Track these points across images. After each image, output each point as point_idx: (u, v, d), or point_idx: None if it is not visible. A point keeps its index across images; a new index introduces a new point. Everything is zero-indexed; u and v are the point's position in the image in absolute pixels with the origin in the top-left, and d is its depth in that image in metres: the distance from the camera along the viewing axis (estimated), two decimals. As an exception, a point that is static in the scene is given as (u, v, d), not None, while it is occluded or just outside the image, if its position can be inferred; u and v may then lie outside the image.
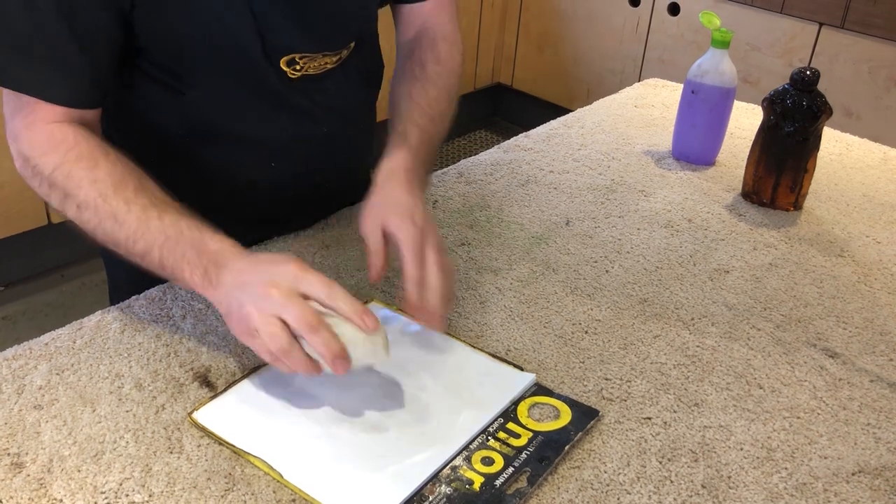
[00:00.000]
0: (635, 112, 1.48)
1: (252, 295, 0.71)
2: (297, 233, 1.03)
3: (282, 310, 0.70)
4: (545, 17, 3.15)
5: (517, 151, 1.30)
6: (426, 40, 1.04)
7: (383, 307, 0.90)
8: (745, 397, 0.81)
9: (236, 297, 0.72)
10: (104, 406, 0.74)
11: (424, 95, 0.98)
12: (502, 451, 0.72)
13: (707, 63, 1.22)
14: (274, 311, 0.70)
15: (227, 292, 0.74)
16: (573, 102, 3.12)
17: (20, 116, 0.83)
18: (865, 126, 2.40)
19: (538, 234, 1.07)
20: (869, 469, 0.74)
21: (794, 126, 1.11)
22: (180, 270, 0.76)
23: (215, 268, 0.75)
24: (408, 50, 1.05)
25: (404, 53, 1.05)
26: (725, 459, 0.74)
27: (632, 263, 1.02)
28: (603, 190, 1.20)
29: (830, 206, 1.20)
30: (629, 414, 0.78)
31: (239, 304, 0.72)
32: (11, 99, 0.83)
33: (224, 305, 0.74)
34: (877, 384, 0.84)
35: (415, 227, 0.81)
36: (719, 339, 0.89)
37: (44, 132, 0.82)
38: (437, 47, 1.03)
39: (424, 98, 0.97)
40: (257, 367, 0.80)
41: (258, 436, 0.72)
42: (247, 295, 0.71)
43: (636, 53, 2.91)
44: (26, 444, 0.70)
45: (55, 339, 0.82)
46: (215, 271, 0.75)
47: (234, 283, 0.73)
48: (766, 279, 1.01)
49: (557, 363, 0.84)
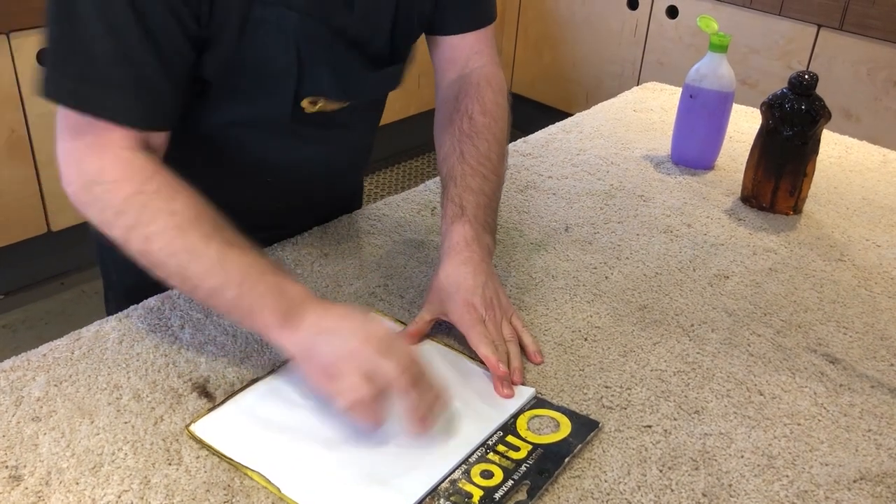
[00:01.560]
0: (634, 116, 1.48)
1: (341, 344, 0.72)
2: (296, 240, 1.03)
3: (376, 363, 0.70)
4: (543, 21, 3.15)
5: (516, 157, 1.30)
6: (471, 87, 1.00)
7: (383, 318, 0.90)
8: (746, 404, 0.81)
9: (322, 342, 0.73)
10: (102, 418, 0.74)
11: (475, 152, 0.95)
12: (501, 465, 0.71)
13: (705, 67, 1.21)
14: (365, 366, 0.70)
15: (309, 337, 0.74)
16: (572, 106, 3.12)
17: (85, 140, 0.79)
18: (865, 127, 2.40)
19: (537, 241, 1.07)
20: (871, 476, 0.73)
21: (793, 130, 1.11)
22: (259, 309, 0.75)
23: (296, 312, 0.74)
24: (451, 95, 1.02)
25: (448, 98, 1.02)
26: (726, 467, 0.73)
27: (631, 269, 1.02)
28: (602, 195, 1.20)
29: (830, 210, 1.19)
30: (629, 422, 0.78)
31: (324, 351, 0.72)
32: (74, 121, 0.79)
33: (303, 350, 0.74)
34: (878, 390, 0.84)
35: (475, 312, 0.83)
36: (719, 346, 0.89)
37: (119, 159, 0.78)
38: (483, 96, 1.00)
39: (475, 156, 0.95)
40: (256, 378, 0.80)
41: (256, 449, 0.71)
42: (334, 343, 0.72)
43: (635, 57, 2.91)
44: (24, 456, 0.69)
45: (53, 349, 0.82)
46: (296, 315, 0.74)
47: (317, 328, 0.74)
48: (766, 284, 1.00)
49: (557, 371, 0.84)
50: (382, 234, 1.06)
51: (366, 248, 1.03)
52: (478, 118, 0.98)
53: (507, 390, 0.79)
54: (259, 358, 0.83)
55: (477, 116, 0.98)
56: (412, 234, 1.07)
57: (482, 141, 0.96)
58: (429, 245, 1.04)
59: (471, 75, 1.02)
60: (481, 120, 0.98)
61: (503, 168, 0.98)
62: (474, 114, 0.98)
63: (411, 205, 1.14)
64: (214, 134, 0.92)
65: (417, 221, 1.09)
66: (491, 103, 1.00)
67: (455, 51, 1.03)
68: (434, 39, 1.04)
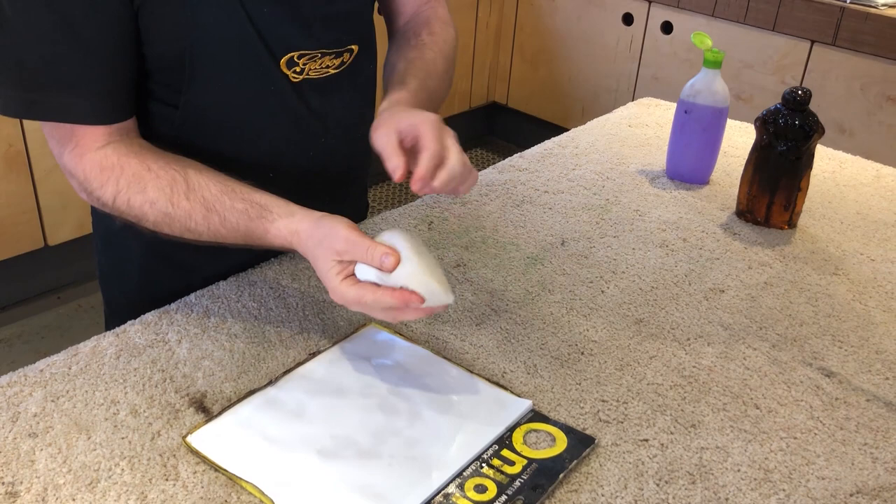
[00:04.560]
0: (629, 132, 1.49)
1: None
2: (294, 253, 1.03)
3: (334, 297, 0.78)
4: (539, 36, 3.17)
5: (512, 172, 1.30)
6: (419, 20, 1.05)
7: (381, 330, 0.90)
8: (742, 418, 0.81)
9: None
10: (99, 433, 0.74)
11: (420, 57, 0.98)
12: (496, 479, 0.71)
13: (699, 83, 1.22)
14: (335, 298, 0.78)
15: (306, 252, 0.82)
16: (568, 120, 3.13)
17: (68, 150, 0.83)
18: (858, 142, 2.42)
19: (533, 255, 1.07)
20: (867, 490, 0.74)
21: (787, 145, 1.12)
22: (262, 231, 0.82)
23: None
24: (399, 34, 1.05)
25: (397, 39, 1.06)
26: (723, 481, 0.73)
27: (627, 283, 1.02)
28: (598, 210, 1.20)
29: (824, 224, 1.20)
30: (626, 436, 0.78)
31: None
32: (54, 134, 0.83)
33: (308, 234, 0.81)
34: (873, 403, 0.84)
35: (432, 117, 0.81)
36: (715, 360, 0.89)
37: (93, 162, 0.83)
38: (431, 24, 1.04)
39: (420, 59, 0.98)
40: (253, 390, 0.80)
41: (252, 461, 0.71)
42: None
43: (630, 71, 2.93)
44: (21, 472, 0.69)
45: (50, 365, 0.82)
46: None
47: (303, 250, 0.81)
48: (762, 298, 1.01)
49: (554, 385, 0.84)
50: (379, 248, 1.06)
51: (363, 263, 1.03)
52: (424, 36, 1.02)
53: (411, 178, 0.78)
54: (256, 373, 0.83)
55: (424, 35, 1.02)
56: (409, 248, 1.07)
57: (428, 50, 1.00)
58: (425, 259, 1.05)
59: (419, 15, 1.06)
60: (428, 38, 1.02)
61: (447, 81, 1.01)
62: (421, 34, 1.02)
63: (409, 219, 1.14)
64: (211, 124, 0.92)
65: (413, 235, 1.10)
66: (439, 28, 1.04)
67: (404, 5, 1.07)
68: (387, 3, 1.08)
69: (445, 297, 0.77)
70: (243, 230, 0.83)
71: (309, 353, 0.86)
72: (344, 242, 0.77)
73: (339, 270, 0.77)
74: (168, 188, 0.83)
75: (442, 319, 0.93)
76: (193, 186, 0.83)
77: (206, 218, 0.83)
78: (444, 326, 0.92)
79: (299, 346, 0.87)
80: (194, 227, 0.84)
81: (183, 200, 0.83)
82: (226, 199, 0.83)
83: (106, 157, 0.83)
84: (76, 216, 2.26)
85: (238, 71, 0.89)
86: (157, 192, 0.83)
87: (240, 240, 0.84)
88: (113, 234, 1.02)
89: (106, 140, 0.83)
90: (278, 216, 0.82)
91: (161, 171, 0.83)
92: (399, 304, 0.75)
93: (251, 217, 0.82)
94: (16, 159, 2.12)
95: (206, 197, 0.83)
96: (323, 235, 0.78)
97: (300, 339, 0.88)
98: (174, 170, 0.84)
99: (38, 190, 2.18)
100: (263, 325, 0.90)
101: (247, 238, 0.84)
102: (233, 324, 0.90)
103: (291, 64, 0.91)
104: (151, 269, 1.01)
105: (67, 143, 0.83)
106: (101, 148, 0.83)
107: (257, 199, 0.83)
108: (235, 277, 0.98)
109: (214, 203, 0.83)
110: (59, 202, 2.22)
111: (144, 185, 0.83)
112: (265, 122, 0.94)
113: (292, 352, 0.86)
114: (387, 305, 0.75)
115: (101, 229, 1.04)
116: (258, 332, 0.89)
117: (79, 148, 0.83)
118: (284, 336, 0.88)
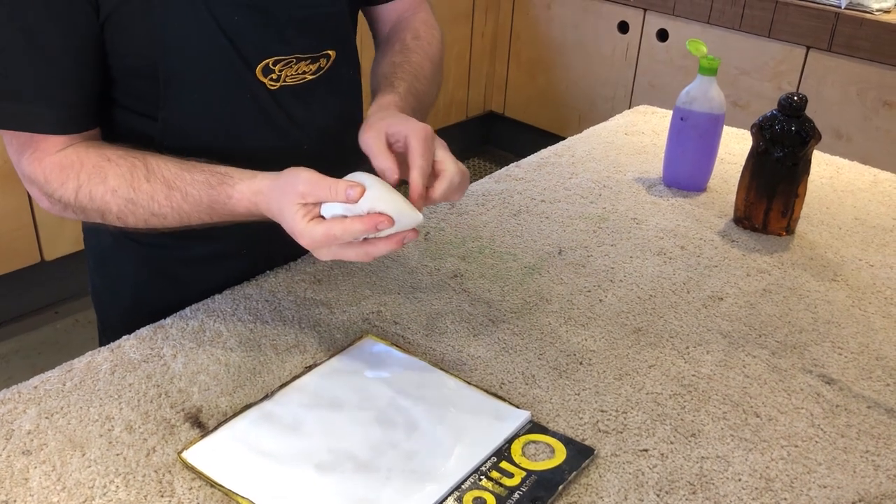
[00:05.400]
0: (625, 140, 1.49)
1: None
2: (289, 266, 1.03)
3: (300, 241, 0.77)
4: (536, 45, 3.17)
5: (508, 181, 1.30)
6: (403, 25, 1.05)
7: (377, 342, 0.89)
8: (743, 426, 0.80)
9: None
10: (94, 450, 0.73)
11: (407, 61, 0.98)
12: (495, 491, 0.71)
13: (695, 90, 1.22)
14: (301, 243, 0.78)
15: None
16: (565, 129, 3.13)
17: (26, 156, 0.84)
18: (855, 147, 2.41)
19: (531, 265, 1.07)
20: (869, 498, 0.73)
21: (784, 151, 1.12)
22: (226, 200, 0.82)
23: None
24: (385, 41, 1.06)
25: (382, 45, 1.06)
26: (724, 491, 0.73)
27: (625, 292, 1.02)
28: (595, 218, 1.20)
29: (823, 230, 1.20)
30: (625, 446, 0.77)
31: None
32: (13, 142, 0.84)
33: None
34: (874, 410, 0.84)
35: (421, 129, 0.81)
36: (715, 368, 0.89)
37: (52, 163, 0.83)
38: (415, 28, 1.04)
39: (407, 63, 0.98)
40: (248, 404, 0.79)
41: (248, 476, 0.71)
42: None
43: (626, 79, 2.93)
44: (14, 490, 0.69)
45: (45, 381, 0.81)
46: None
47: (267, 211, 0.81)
48: (761, 305, 1.00)
49: (552, 396, 0.83)
50: (375, 259, 1.06)
51: (358, 275, 1.02)
52: (410, 41, 1.02)
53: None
54: (252, 387, 0.82)
55: (409, 40, 1.02)
56: (405, 259, 1.07)
57: (414, 54, 1.00)
58: (422, 271, 1.04)
59: (403, 21, 1.07)
60: (413, 42, 1.02)
61: (435, 84, 1.01)
62: (406, 39, 1.02)
63: (404, 230, 1.14)
64: (192, 136, 0.91)
65: (410, 247, 1.09)
66: (424, 32, 1.04)
67: (389, 13, 1.07)
68: (371, 11, 1.08)
69: (415, 216, 0.76)
70: (206, 201, 0.82)
71: (305, 366, 0.85)
72: (306, 184, 0.76)
73: (305, 213, 0.76)
74: (128, 174, 0.83)
75: (439, 331, 0.92)
76: (153, 168, 0.83)
77: (169, 197, 0.82)
78: (441, 338, 0.91)
79: (295, 359, 0.86)
80: (158, 209, 0.83)
81: (144, 183, 0.83)
82: (185, 175, 0.83)
83: (66, 156, 0.84)
84: (72, 231, 2.25)
85: (214, 81, 0.89)
86: (118, 179, 0.83)
87: (204, 214, 0.83)
88: (106, 253, 1.02)
89: (65, 145, 0.84)
90: (239, 179, 0.82)
91: (120, 159, 0.84)
92: (369, 227, 0.74)
93: (212, 185, 0.82)
94: (12, 175, 2.11)
95: (166, 176, 0.83)
96: (284, 183, 0.78)
97: (296, 352, 0.88)
98: (133, 157, 0.84)
99: (34, 205, 2.18)
100: (259, 338, 0.89)
101: (211, 210, 0.83)
102: (228, 338, 0.89)
103: (267, 71, 0.91)
104: (145, 286, 1.01)
105: (26, 150, 0.84)
106: (61, 150, 0.84)
107: (217, 168, 0.83)
108: (230, 291, 0.97)
109: (175, 180, 0.83)
110: (56, 217, 2.21)
111: (105, 174, 0.83)
112: (246, 132, 0.93)
113: (288, 365, 0.85)
114: (357, 232, 0.74)
115: (95, 248, 1.04)
116: (254, 346, 0.88)
117: (38, 153, 0.83)
118: (280, 349, 0.88)
